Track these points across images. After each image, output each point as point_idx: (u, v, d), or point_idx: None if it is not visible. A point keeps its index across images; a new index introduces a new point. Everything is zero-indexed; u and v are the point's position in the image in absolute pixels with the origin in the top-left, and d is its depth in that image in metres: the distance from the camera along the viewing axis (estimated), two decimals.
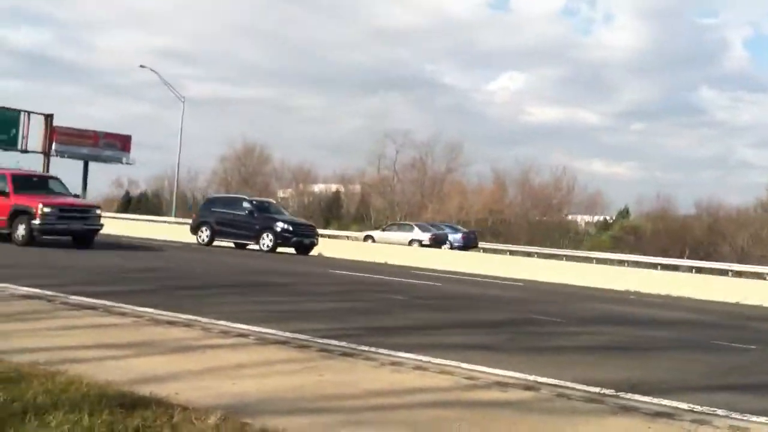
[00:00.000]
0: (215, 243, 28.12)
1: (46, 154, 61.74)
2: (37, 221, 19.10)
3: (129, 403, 5.15)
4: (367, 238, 40.19)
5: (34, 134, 60.89)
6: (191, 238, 29.90)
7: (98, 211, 21.27)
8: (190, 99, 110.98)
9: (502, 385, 6.53)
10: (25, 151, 61.46)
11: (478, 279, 22.14)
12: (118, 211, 65.03)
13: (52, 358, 6.17)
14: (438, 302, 14.11)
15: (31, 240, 19.22)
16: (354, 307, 11.86)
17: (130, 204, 76.55)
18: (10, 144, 59.98)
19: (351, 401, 5.74)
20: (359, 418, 5.28)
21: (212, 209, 28.62)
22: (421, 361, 7.18)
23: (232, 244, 28.06)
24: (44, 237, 19.88)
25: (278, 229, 26.41)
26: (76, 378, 5.63)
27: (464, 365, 7.10)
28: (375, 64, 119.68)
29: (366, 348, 7.58)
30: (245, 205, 27.95)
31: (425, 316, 11.59)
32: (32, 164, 67.14)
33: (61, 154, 63.81)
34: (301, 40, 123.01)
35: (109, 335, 7.50)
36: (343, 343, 7.70)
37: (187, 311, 8.98)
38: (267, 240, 26.36)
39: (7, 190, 19.59)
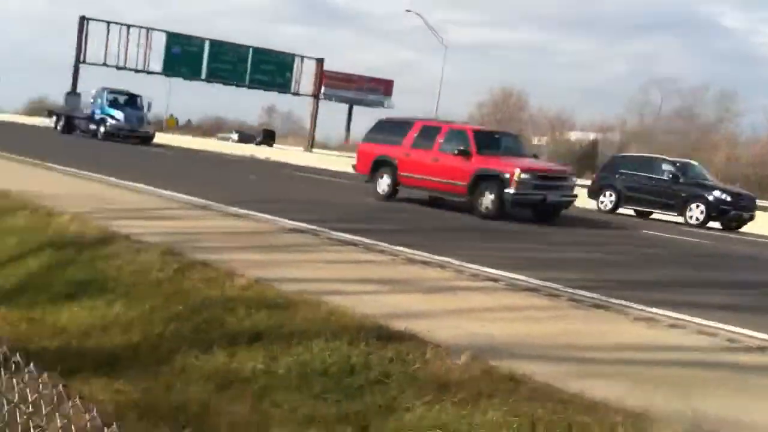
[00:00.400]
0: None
1: (316, 96, 65.59)
2: (511, 190, 15.46)
3: (384, 336, 5.41)
4: None
5: (305, 78, 64.84)
6: None
7: (574, 179, 17.94)
8: (453, 44, 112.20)
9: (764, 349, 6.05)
10: (297, 94, 65.80)
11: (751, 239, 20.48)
12: None
13: (316, 289, 6.60)
14: (704, 260, 13.31)
15: (500, 212, 15.70)
16: (607, 260, 11.53)
17: None
18: (284, 87, 64.46)
19: (600, 353, 5.60)
20: (609, 370, 5.14)
21: (619, 171, 23.68)
22: (677, 318, 6.82)
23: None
24: (515, 208, 16.19)
25: (712, 199, 21.33)
26: (337, 309, 6.00)
27: (726, 326, 6.65)
28: (647, 4, 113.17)
29: (618, 301, 7.33)
30: (666, 167, 22.71)
31: (688, 273, 10.99)
32: (304, 107, 71.61)
33: (328, 97, 67.50)
34: None
35: (368, 271, 7.89)
36: (595, 295, 7.50)
37: (439, 252, 9.20)
38: (696, 212, 21.28)
39: (469, 150, 16.19)
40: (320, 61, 65.54)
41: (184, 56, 59.57)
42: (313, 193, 18.79)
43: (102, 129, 37.51)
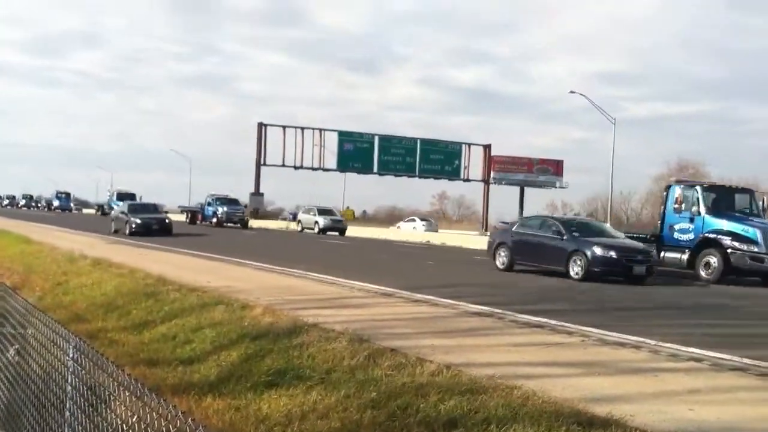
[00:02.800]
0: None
1: (486, 181, 65.95)
2: None
3: (585, 421, 5.18)
4: None
5: (474, 164, 65.57)
6: None
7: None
8: (625, 120, 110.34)
9: None
10: (467, 180, 66.50)
11: None
12: None
13: (507, 373, 6.47)
14: None
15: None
16: None
17: None
18: (454, 174, 65.42)
19: None
20: None
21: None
22: None
23: None
24: None
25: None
26: (531, 393, 5.83)
27: None
28: None
29: None
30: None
31: None
32: (475, 192, 72.05)
33: (498, 181, 67.69)
34: (749, 47, 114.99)
35: (558, 354, 7.65)
36: None
37: (631, 332, 8.79)
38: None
39: None
40: (487, 147, 66.17)
41: (356, 152, 62.05)
42: (491, 276, 18.63)
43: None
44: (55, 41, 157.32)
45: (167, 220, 32.37)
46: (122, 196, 59.59)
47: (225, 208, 49.20)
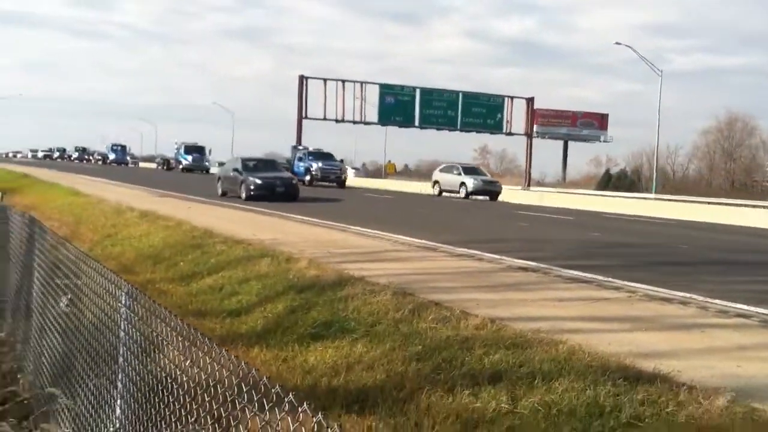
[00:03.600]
0: None
1: (529, 135, 65.24)
2: None
3: (632, 376, 5.16)
4: None
5: (517, 118, 64.81)
6: (670, 214, 29.14)
7: None
8: (673, 72, 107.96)
9: None
10: (510, 134, 65.83)
11: None
12: (597, 189, 65.95)
13: (552, 328, 6.46)
14: None
15: None
16: None
17: (609, 181, 77.14)
18: (496, 128, 64.76)
19: None
20: None
21: None
22: None
23: None
24: None
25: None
26: (577, 348, 5.82)
27: None
28: None
29: None
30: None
31: None
32: (518, 146, 71.45)
33: (541, 135, 66.95)
34: None
35: (604, 309, 7.61)
36: None
37: (679, 288, 8.69)
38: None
39: None
40: (530, 101, 65.26)
41: (397, 105, 61.63)
42: (537, 231, 18.55)
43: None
44: None
45: (294, 181, 27.10)
46: (190, 149, 58.23)
47: (320, 164, 44.12)
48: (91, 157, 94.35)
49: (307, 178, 43.60)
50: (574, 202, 38.07)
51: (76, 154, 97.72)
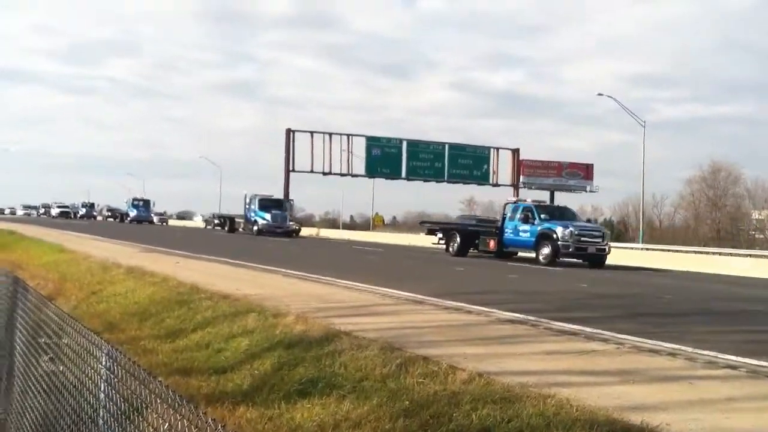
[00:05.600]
0: None
1: (515, 186, 65.60)
2: None
3: (620, 429, 5.12)
4: None
5: (503, 169, 65.29)
6: (657, 263, 29.28)
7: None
8: (659, 122, 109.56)
9: None
10: (496, 185, 66.19)
11: None
12: None
13: (540, 381, 6.41)
14: None
15: None
16: None
17: None
18: (483, 179, 65.15)
19: None
20: None
21: None
22: None
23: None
24: None
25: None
26: (566, 402, 5.77)
27: None
28: None
29: None
30: None
31: None
32: (504, 197, 72.01)
33: (528, 185, 67.26)
34: None
35: (592, 361, 7.57)
36: None
37: (667, 339, 8.68)
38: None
39: None
40: (516, 152, 65.87)
41: (384, 157, 62.00)
42: (525, 283, 18.55)
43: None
44: (88, 50, 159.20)
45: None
46: (266, 204, 49.53)
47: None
48: (92, 215, 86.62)
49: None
50: None
51: (83, 210, 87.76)
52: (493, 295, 13.62)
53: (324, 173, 60.69)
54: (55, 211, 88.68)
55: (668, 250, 39.46)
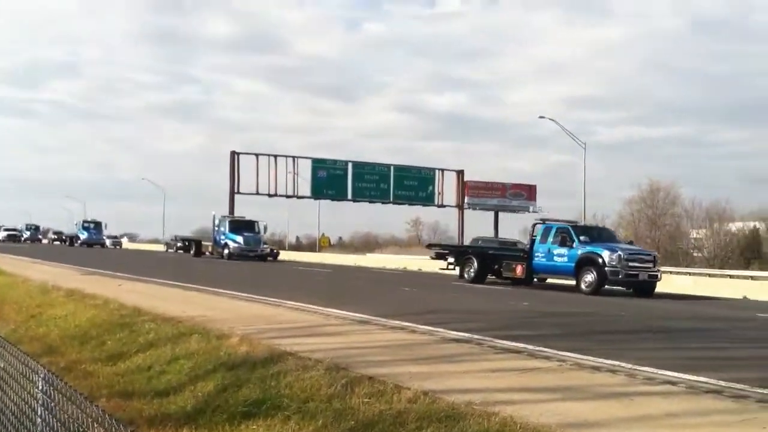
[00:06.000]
0: None
1: (460, 207, 66.22)
2: None
3: None
4: None
5: (448, 190, 65.85)
6: None
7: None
8: (599, 144, 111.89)
9: None
10: (442, 206, 66.68)
11: None
12: None
13: (485, 399, 6.46)
14: None
15: None
16: None
17: None
18: (428, 200, 65.57)
19: None
20: None
21: None
22: None
23: None
24: None
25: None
26: (509, 420, 5.83)
27: None
28: None
29: None
30: None
31: None
32: (449, 218, 72.53)
33: (472, 206, 67.95)
34: (723, 72, 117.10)
35: (535, 379, 7.66)
36: None
37: (607, 356, 8.83)
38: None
39: None
40: (460, 173, 66.55)
41: (329, 179, 62.02)
42: (470, 302, 18.68)
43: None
44: (28, 72, 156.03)
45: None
46: (237, 226, 45.93)
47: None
48: (43, 237, 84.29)
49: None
50: None
51: (28, 233, 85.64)
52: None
53: (270, 195, 60.37)
54: (1, 235, 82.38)
55: None
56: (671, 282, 30.65)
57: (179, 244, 59.98)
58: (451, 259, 29.75)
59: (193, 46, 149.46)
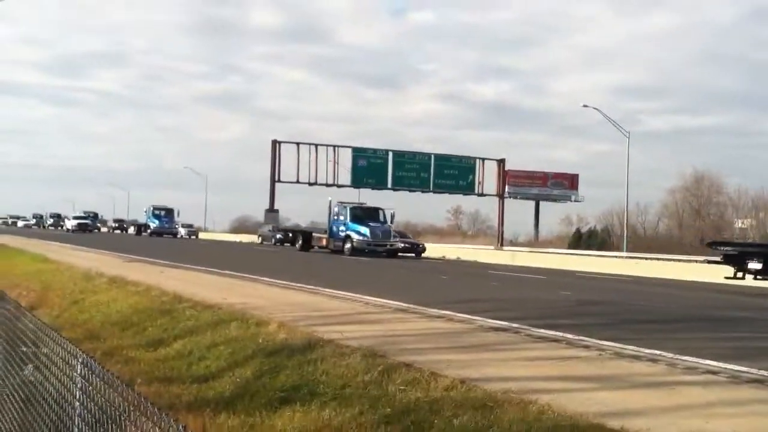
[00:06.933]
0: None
1: (501, 196, 65.91)
2: None
3: None
4: None
5: (489, 179, 65.59)
6: (640, 272, 29.41)
7: None
8: (643, 133, 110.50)
9: None
10: (482, 195, 66.43)
11: None
12: (569, 247, 66.35)
13: (522, 388, 6.42)
14: None
15: None
16: None
17: (580, 240, 77.77)
18: (469, 189, 65.37)
19: None
20: None
21: None
22: None
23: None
24: None
25: None
26: (547, 407, 5.79)
27: None
28: None
29: None
30: None
31: None
32: (490, 207, 72.23)
33: (513, 195, 67.67)
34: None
35: (574, 368, 7.59)
36: None
37: (648, 345, 8.72)
38: None
39: None
40: (501, 162, 66.18)
41: (369, 168, 62.16)
42: (509, 290, 18.60)
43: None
44: (75, 61, 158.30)
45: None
46: (360, 215, 37.68)
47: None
48: (94, 227, 74.01)
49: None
50: (546, 261, 38.27)
51: (87, 220, 73.16)
52: None
53: (310, 183, 60.75)
54: (70, 224, 71.65)
55: (652, 258, 39.60)
56: (711, 272, 30.18)
57: (278, 236, 52.26)
58: (757, 265, 20.82)
59: (238, 36, 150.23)
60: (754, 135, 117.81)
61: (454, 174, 64.47)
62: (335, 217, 38.17)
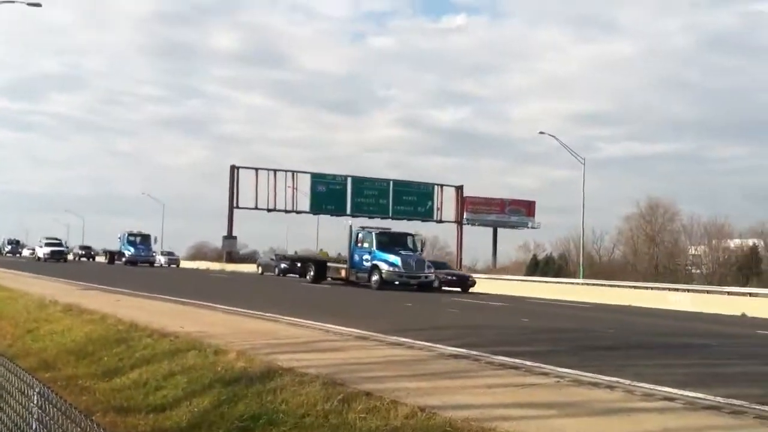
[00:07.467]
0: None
1: (459, 222, 66.36)
2: None
3: None
4: None
5: (447, 205, 66.07)
6: (597, 298, 29.65)
7: None
8: (600, 159, 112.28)
9: None
10: (441, 221, 66.83)
11: None
12: (526, 274, 66.89)
13: (482, 415, 6.44)
14: None
15: None
16: None
17: (537, 266, 78.53)
18: (427, 215, 65.74)
19: None
20: None
21: None
22: None
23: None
24: None
25: None
26: None
27: None
28: None
29: None
30: None
31: None
32: (448, 234, 72.57)
33: (471, 222, 68.20)
34: (726, 87, 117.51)
35: (532, 395, 7.64)
36: None
37: (606, 372, 8.81)
38: None
39: None
40: (459, 188, 66.76)
41: (329, 194, 62.27)
42: (468, 317, 18.66)
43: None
44: (30, 85, 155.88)
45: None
46: (386, 242, 33.05)
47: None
48: (73, 254, 68.29)
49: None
50: (504, 288, 38.52)
51: (63, 249, 64.53)
52: None
53: (268, 210, 60.61)
54: (42, 251, 63.13)
55: (608, 285, 40.12)
56: (666, 299, 30.72)
57: (284, 265, 47.23)
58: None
59: (198, 59, 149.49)
60: (709, 162, 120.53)
61: (413, 200, 64.86)
62: (359, 245, 33.19)
